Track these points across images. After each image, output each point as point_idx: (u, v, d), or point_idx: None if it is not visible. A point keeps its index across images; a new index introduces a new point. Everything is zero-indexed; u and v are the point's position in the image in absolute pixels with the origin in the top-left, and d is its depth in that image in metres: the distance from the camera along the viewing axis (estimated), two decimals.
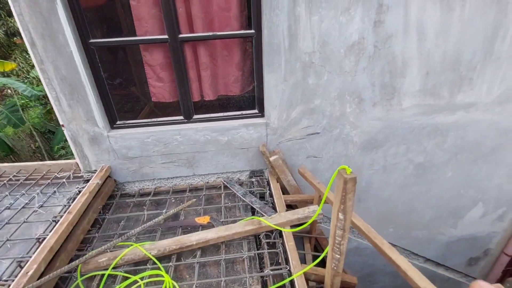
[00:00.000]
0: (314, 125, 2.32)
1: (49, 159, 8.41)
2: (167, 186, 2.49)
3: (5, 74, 8.46)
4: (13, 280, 1.46)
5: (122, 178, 2.44)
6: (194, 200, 2.21)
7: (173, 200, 2.37)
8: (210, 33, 2.00)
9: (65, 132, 2.22)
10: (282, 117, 2.26)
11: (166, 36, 1.97)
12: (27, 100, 7.63)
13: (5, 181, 2.35)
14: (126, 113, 2.42)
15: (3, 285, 1.48)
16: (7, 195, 2.20)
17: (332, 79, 2.14)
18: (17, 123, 6.80)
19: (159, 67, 2.13)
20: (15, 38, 9.57)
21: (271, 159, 2.23)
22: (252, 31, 2.01)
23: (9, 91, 6.27)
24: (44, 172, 2.41)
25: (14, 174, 2.43)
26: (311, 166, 2.51)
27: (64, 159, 7.97)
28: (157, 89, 2.22)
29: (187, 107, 2.24)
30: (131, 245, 1.83)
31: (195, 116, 2.28)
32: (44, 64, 1.92)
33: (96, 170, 2.36)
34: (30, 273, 1.45)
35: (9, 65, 6.87)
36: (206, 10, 1.99)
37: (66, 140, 8.67)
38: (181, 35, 1.98)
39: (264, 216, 1.98)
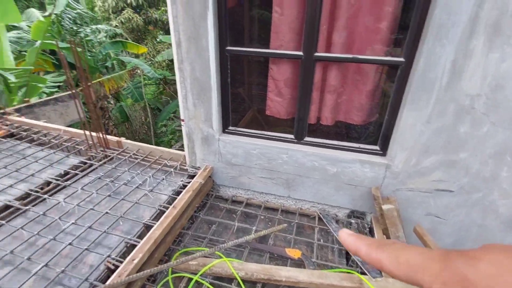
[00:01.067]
0: (449, 181, 1.88)
1: (154, 132, 9.69)
2: (259, 200, 2.42)
3: (136, 56, 10.12)
4: (120, 262, 1.58)
5: (219, 181, 2.48)
6: (285, 225, 2.07)
7: (262, 217, 2.28)
8: (350, 56, 1.80)
9: (183, 127, 2.36)
10: (410, 163, 1.89)
11: (300, 53, 1.85)
12: (147, 80, 8.91)
13: (126, 157, 2.67)
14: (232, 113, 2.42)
15: (110, 262, 1.62)
16: (126, 171, 2.49)
17: (494, 132, 1.67)
18: (137, 98, 8.04)
19: (283, 82, 2.04)
20: (149, 26, 11.32)
21: (384, 207, 1.90)
22: (401, 59, 1.71)
23: (138, 71, 7.45)
24: (157, 157, 2.64)
25: (134, 152, 2.74)
26: (429, 226, 2.06)
27: (166, 141, 9.01)
28: (275, 103, 2.14)
29: (301, 128, 2.09)
30: (221, 257, 1.81)
31: (307, 139, 2.12)
32: (183, 64, 2.06)
33: (199, 168, 2.46)
34: (135, 261, 1.55)
35: (142, 49, 8.14)
36: (350, 29, 1.79)
37: (169, 119, 9.85)
38: (316, 54, 1.84)
39: (366, 275, 1.69)
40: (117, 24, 10.21)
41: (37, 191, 2.22)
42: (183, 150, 2.61)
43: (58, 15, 5.78)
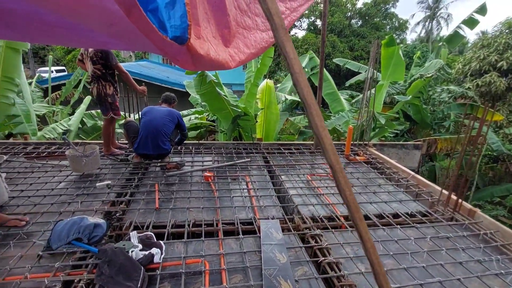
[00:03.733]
0: None
1: None
2: None
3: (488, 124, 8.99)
4: None
5: None
6: None
7: None
8: None
9: None
10: None
11: None
12: (489, 152, 7.65)
13: (481, 233, 2.34)
14: None
15: None
16: (479, 248, 2.17)
17: None
18: (462, 165, 7.17)
19: None
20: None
21: None
22: None
23: (482, 139, 6.59)
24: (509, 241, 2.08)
25: (491, 232, 2.34)
26: None
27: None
28: None
29: None
30: None
31: None
32: None
33: None
34: None
35: (497, 117, 7.04)
36: None
37: (491, 202, 7.92)
38: None
39: None
40: (470, 86, 9.66)
41: (388, 216, 2.57)
42: None
43: (430, 73, 6.50)
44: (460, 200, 2.64)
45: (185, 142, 4.62)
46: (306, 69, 6.49)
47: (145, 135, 3.42)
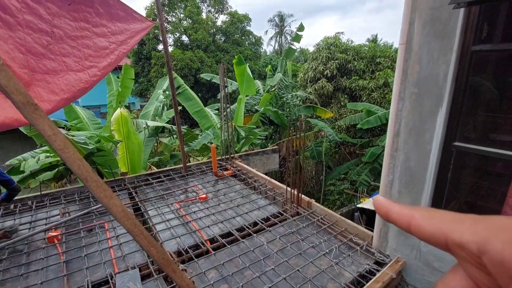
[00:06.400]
0: None
1: (319, 188, 10.14)
2: None
3: (317, 117, 11.33)
4: None
5: (411, 279, 2.20)
6: None
7: None
8: None
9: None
10: None
11: None
12: (328, 142, 9.65)
13: (315, 220, 2.93)
14: None
15: None
16: (314, 234, 2.72)
17: None
18: (315, 155, 8.84)
19: None
20: (337, 92, 12.49)
21: None
22: None
23: (322, 133, 8.33)
24: (343, 228, 2.73)
25: (322, 217, 2.97)
26: None
27: (332, 200, 9.16)
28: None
29: None
30: None
31: None
32: (397, 152, 2.11)
33: (388, 256, 2.30)
34: None
35: (329, 114, 9.04)
36: None
37: (338, 179, 10.03)
38: None
39: None
40: (311, 91, 12.07)
41: (248, 227, 2.84)
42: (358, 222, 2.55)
43: (273, 86, 7.70)
44: (300, 194, 3.22)
45: (25, 196, 3.68)
46: (168, 92, 6.42)
47: None
